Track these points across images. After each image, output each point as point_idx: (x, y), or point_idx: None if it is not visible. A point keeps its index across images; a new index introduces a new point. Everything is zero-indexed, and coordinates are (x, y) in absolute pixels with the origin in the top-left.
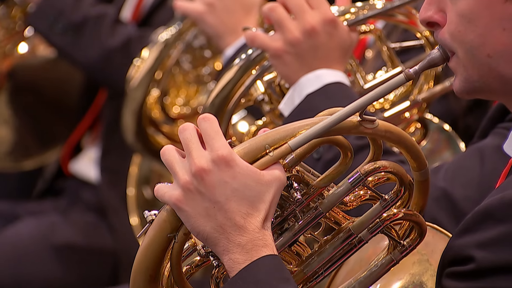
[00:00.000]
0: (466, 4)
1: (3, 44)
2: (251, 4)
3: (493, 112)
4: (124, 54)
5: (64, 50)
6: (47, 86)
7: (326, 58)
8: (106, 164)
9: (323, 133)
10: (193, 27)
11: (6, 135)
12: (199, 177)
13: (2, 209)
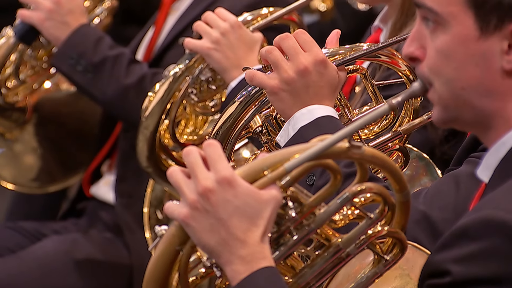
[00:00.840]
0: (444, 42)
1: (31, 81)
2: (253, 42)
3: (467, 142)
4: (138, 90)
5: (84, 87)
6: (70, 118)
7: (318, 95)
8: (121, 188)
9: (316, 157)
10: (200, 62)
11: (33, 162)
12: (205, 196)
13: (30, 228)
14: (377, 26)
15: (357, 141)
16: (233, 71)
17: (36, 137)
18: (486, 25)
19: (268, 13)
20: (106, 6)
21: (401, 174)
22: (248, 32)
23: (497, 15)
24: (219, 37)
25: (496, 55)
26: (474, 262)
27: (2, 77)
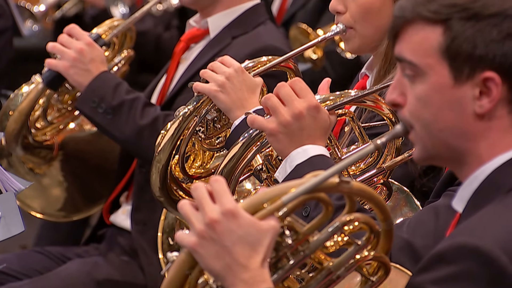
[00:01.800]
0: (422, 89)
1: (57, 122)
2: (254, 85)
3: (444, 177)
4: (152, 130)
5: (104, 128)
6: (92, 155)
7: (311, 136)
8: (137, 217)
9: (310, 191)
10: (207, 103)
11: (59, 194)
12: (211, 226)
13: (56, 252)
14: (364, 73)
15: (346, 177)
16: (237, 111)
17: (62, 172)
18: (459, 75)
19: (267, 61)
20: (124, 56)
21: (385, 206)
22: (250, 77)
23: (469, 65)
24: (225, 81)
25: (469, 101)
26: (450, 284)
27: (32, 118)
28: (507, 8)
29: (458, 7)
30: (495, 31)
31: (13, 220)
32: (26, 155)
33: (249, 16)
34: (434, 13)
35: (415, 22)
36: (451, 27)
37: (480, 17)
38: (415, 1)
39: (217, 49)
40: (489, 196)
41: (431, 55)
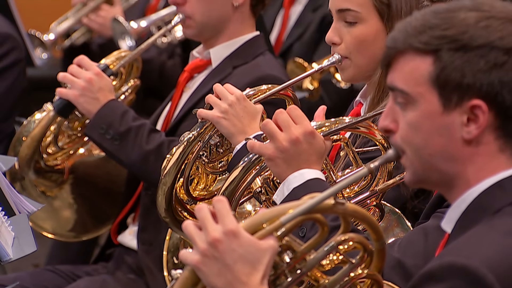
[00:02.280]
0: (413, 116)
1: (68, 148)
2: (255, 112)
3: (433, 200)
4: (157, 155)
5: (112, 153)
6: (100, 178)
7: (307, 161)
8: (143, 237)
9: (306, 212)
10: (210, 129)
11: (69, 216)
12: (213, 245)
13: (66, 270)
14: (359, 101)
15: (341, 199)
16: (238, 136)
17: (72, 195)
18: (448, 102)
19: (267, 89)
20: (130, 85)
21: (378, 226)
22: (251, 104)
23: (458, 94)
24: (227, 108)
25: (457, 127)
26: None
27: (44, 144)
28: (493, 40)
29: (448, 39)
30: (482, 61)
31: (25, 240)
32: (38, 179)
33: (249, 47)
34: (424, 44)
35: (406, 53)
36: (441, 57)
37: (468, 48)
38: (407, 32)
39: (219, 79)
40: (477, 218)
41: (421, 84)
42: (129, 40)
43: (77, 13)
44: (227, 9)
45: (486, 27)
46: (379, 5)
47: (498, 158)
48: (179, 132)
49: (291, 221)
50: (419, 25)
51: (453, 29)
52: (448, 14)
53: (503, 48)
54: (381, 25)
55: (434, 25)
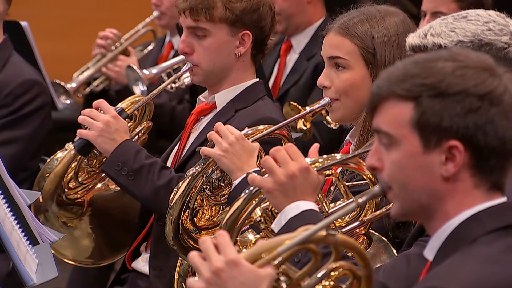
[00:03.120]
0: (397, 156)
1: (87, 183)
2: (252, 150)
3: (415, 230)
4: (167, 190)
5: (126, 187)
6: (116, 211)
7: (303, 194)
8: (154, 263)
9: (301, 243)
10: (212, 165)
11: (88, 245)
12: (216, 274)
13: None
14: (348, 140)
15: (333, 229)
16: (237, 172)
17: (90, 225)
18: (428, 143)
19: (264, 129)
20: (143, 127)
21: (365, 254)
22: (249, 143)
23: (436, 136)
24: (227, 147)
25: (437, 166)
26: None
27: (65, 179)
28: (468, 87)
29: (427, 86)
30: (458, 107)
31: (48, 266)
32: (60, 211)
33: (250, 93)
34: (406, 91)
35: (390, 99)
36: (421, 103)
37: (445, 95)
38: (390, 80)
39: (223, 121)
40: (455, 247)
41: (404, 127)
42: (142, 85)
43: (97, 63)
44: (230, 58)
45: (462, 75)
46: (366, 54)
47: (474, 193)
48: (187, 169)
49: (287, 251)
50: (401, 74)
51: (432, 77)
52: (427, 64)
53: (477, 95)
54: (367, 72)
55: (415, 74)
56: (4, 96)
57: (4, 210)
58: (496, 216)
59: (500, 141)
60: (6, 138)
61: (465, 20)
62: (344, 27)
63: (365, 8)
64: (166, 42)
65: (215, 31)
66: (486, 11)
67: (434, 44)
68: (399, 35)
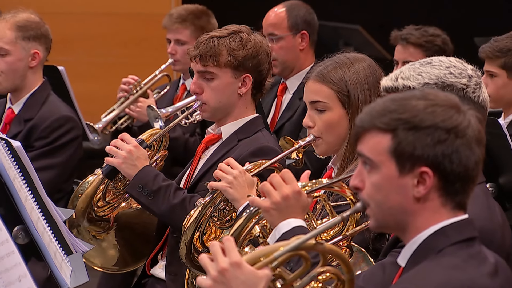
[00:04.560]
0: (376, 178)
1: (113, 202)
2: (252, 183)
3: (390, 241)
4: (181, 207)
5: (146, 206)
6: (138, 225)
7: (294, 212)
8: (169, 270)
9: (294, 249)
10: (219, 196)
11: (114, 254)
12: (222, 273)
13: None
14: (330, 166)
15: (321, 240)
16: (241, 201)
17: (116, 238)
18: (403, 169)
19: (261, 164)
20: (160, 155)
21: (348, 262)
22: (250, 176)
23: (410, 162)
24: (232, 180)
25: (410, 188)
26: None
27: (95, 199)
28: (438, 122)
29: (403, 121)
30: (429, 138)
31: (80, 273)
32: (90, 226)
33: (250, 125)
34: (385, 124)
35: (371, 130)
36: (397, 135)
37: (418, 128)
38: (371, 115)
39: (227, 149)
40: (424, 255)
41: (382, 154)
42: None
43: (121, 105)
44: (234, 97)
45: (432, 112)
46: (341, 96)
47: (441, 211)
48: (197, 189)
49: (282, 256)
50: (381, 109)
51: (407, 113)
52: (402, 101)
53: (445, 129)
54: (343, 112)
55: (392, 110)
56: (43, 130)
57: (43, 225)
58: (459, 230)
59: (464, 168)
60: (44, 165)
61: (430, 66)
62: (320, 75)
63: (336, 57)
64: (180, 84)
65: (221, 74)
66: (447, 57)
67: (404, 86)
68: (368, 77)
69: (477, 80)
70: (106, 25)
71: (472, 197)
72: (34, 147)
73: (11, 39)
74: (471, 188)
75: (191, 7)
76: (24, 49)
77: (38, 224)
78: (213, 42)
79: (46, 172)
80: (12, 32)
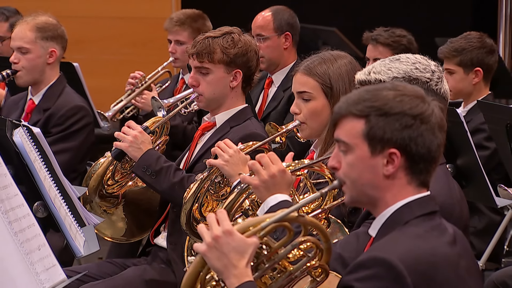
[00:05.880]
0: (351, 159)
1: (121, 181)
2: (246, 160)
3: (363, 214)
4: (180, 186)
5: (150, 184)
6: (142, 201)
7: (280, 189)
8: (170, 240)
9: (278, 220)
10: (216, 172)
11: (122, 226)
12: (215, 240)
13: (120, 262)
14: (312, 149)
15: (303, 213)
16: (236, 176)
17: (124, 212)
18: (374, 150)
19: (253, 144)
20: (162, 140)
21: (326, 232)
22: (243, 155)
23: (380, 145)
24: (228, 158)
25: (380, 167)
26: (367, 281)
27: (105, 178)
28: (405, 110)
29: (375, 108)
30: (397, 123)
31: (92, 242)
32: (101, 202)
33: (241, 114)
34: (359, 111)
35: (347, 116)
36: (370, 120)
37: (388, 115)
38: (348, 103)
39: (221, 135)
40: (392, 227)
41: (357, 137)
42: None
43: (128, 96)
44: (226, 89)
45: (401, 101)
46: (325, 88)
47: (407, 188)
48: (194, 170)
49: (268, 226)
50: (356, 98)
51: (379, 101)
52: (375, 92)
53: (411, 115)
54: (326, 101)
55: (366, 98)
56: (59, 117)
57: (60, 201)
58: (422, 205)
59: (427, 150)
60: (61, 148)
61: (398, 62)
62: (307, 68)
63: (322, 53)
64: (180, 78)
65: (215, 69)
66: (413, 55)
67: (376, 79)
68: (348, 72)
69: (439, 75)
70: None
71: (434, 177)
72: (51, 133)
73: (31, 39)
74: (434, 168)
75: (189, 12)
76: (43, 48)
77: (55, 200)
78: (208, 41)
79: (62, 154)
80: (32, 33)
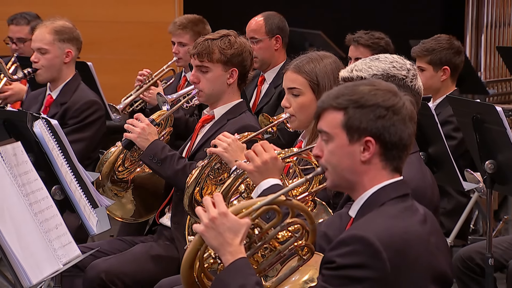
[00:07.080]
0: (331, 147)
1: (130, 167)
2: (243, 148)
3: (345, 197)
4: (183, 172)
5: (156, 170)
6: (149, 185)
7: (272, 174)
8: (174, 220)
9: (268, 203)
10: (215, 159)
11: (131, 208)
12: (212, 221)
13: (129, 240)
14: (300, 139)
15: (290, 197)
16: (234, 163)
17: (132, 195)
18: (352, 139)
19: (248, 135)
20: (167, 131)
21: (311, 215)
22: (240, 143)
23: (357, 134)
24: (227, 146)
25: (357, 154)
26: (347, 256)
27: (116, 165)
28: (379, 102)
29: (352, 101)
30: (372, 114)
31: (104, 222)
32: (113, 186)
33: (237, 108)
34: (339, 104)
35: (328, 109)
36: (348, 112)
37: (364, 107)
38: (329, 97)
39: (219, 126)
40: (370, 208)
41: (336, 127)
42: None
43: (136, 91)
44: (223, 86)
45: (375, 94)
46: (313, 85)
47: (382, 173)
48: (195, 158)
49: (259, 209)
50: (336, 93)
51: (356, 95)
52: (353, 87)
53: (384, 107)
54: (313, 96)
55: (345, 93)
56: (74, 111)
57: (75, 185)
58: (396, 188)
59: (399, 138)
60: (76, 138)
61: (377, 61)
62: (297, 67)
63: (309, 54)
64: (182, 76)
65: (214, 68)
66: (391, 55)
67: (357, 76)
68: (333, 70)
69: (414, 72)
70: (125, 30)
71: (408, 163)
72: (68, 125)
73: (49, 41)
74: (406, 155)
75: (190, 17)
76: (60, 49)
77: (71, 184)
78: (208, 43)
79: (77, 144)
80: (51, 35)
